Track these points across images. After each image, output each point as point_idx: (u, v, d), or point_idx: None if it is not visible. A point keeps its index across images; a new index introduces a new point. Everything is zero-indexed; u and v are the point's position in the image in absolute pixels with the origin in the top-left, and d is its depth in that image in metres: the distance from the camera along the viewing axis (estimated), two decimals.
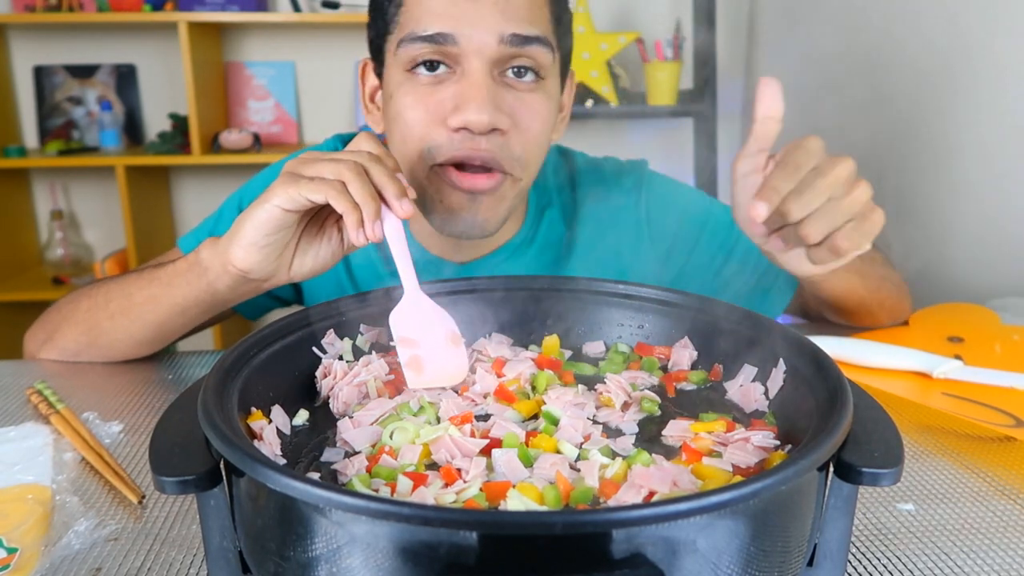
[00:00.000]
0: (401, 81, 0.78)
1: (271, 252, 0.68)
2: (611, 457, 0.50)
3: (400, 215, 0.64)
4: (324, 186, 0.63)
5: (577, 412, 0.55)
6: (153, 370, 0.88)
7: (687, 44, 2.33)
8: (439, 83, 0.76)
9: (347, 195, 0.63)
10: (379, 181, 0.64)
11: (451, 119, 0.75)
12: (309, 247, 0.71)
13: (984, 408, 0.76)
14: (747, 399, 0.59)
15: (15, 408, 0.78)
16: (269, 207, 0.65)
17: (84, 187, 2.56)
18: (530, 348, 0.68)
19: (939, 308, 1.05)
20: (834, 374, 0.50)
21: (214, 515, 0.44)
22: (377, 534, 0.38)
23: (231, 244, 0.69)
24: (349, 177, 0.63)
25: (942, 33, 1.54)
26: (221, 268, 0.71)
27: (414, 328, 0.63)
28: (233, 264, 0.69)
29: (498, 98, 0.75)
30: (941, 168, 1.57)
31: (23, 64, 2.50)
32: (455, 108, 0.75)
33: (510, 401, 0.57)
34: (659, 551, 0.37)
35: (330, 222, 0.71)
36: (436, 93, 0.76)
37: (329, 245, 0.71)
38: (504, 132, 0.76)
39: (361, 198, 0.62)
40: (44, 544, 0.55)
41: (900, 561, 0.54)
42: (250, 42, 2.54)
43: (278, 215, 0.65)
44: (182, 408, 0.48)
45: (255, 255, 0.68)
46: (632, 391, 0.60)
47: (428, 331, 0.63)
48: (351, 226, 0.63)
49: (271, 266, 0.69)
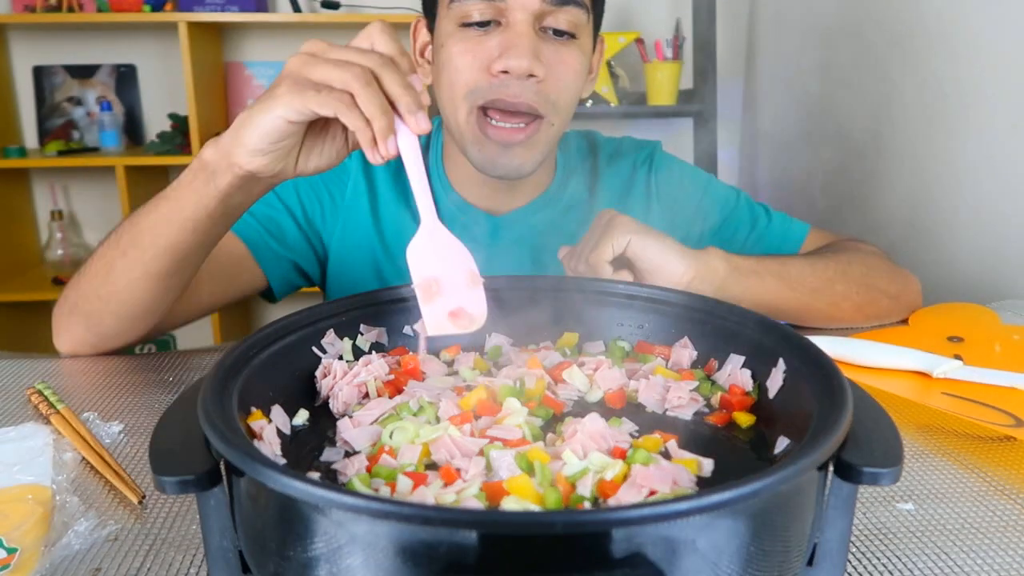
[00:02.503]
0: (452, 32, 0.86)
1: (278, 156, 0.66)
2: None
3: (415, 131, 0.60)
4: (332, 99, 0.59)
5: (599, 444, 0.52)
6: (153, 370, 0.88)
7: (687, 44, 2.33)
8: (487, 34, 0.84)
9: (357, 109, 0.59)
10: (392, 91, 0.59)
11: (495, 64, 0.83)
12: (314, 145, 0.68)
13: (984, 408, 0.76)
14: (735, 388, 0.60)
15: (15, 408, 0.78)
16: (273, 117, 0.62)
17: (84, 187, 2.57)
18: (530, 348, 0.69)
19: (939, 308, 1.05)
20: (834, 374, 0.50)
21: (214, 515, 0.44)
22: (377, 534, 0.38)
23: (235, 146, 0.66)
24: (357, 87, 0.58)
25: (944, 4, 1.53)
26: (227, 169, 0.68)
27: (433, 264, 0.61)
28: (239, 165, 0.66)
29: (537, 48, 0.83)
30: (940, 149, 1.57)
31: (23, 64, 2.50)
32: (500, 55, 0.83)
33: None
34: (659, 551, 0.37)
35: (335, 120, 0.66)
36: (484, 43, 0.84)
37: (334, 144, 0.68)
38: (540, 79, 0.84)
39: (371, 112, 0.58)
40: (44, 544, 0.55)
41: (900, 561, 0.54)
42: (250, 42, 2.54)
43: (282, 125, 0.62)
44: (182, 408, 0.48)
45: (260, 159, 0.65)
46: None
47: (447, 267, 0.61)
48: (364, 145, 0.59)
49: (278, 165, 0.67)
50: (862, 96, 1.80)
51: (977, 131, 1.47)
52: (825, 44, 1.97)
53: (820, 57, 2.00)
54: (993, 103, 1.42)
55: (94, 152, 2.45)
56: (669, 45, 2.25)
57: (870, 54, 1.77)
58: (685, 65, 2.32)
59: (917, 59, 1.60)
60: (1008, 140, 1.36)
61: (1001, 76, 1.39)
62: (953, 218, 1.53)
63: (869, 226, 1.84)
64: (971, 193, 1.48)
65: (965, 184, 1.50)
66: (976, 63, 1.46)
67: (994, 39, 1.41)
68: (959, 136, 1.51)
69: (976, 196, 1.47)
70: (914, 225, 1.67)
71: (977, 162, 1.47)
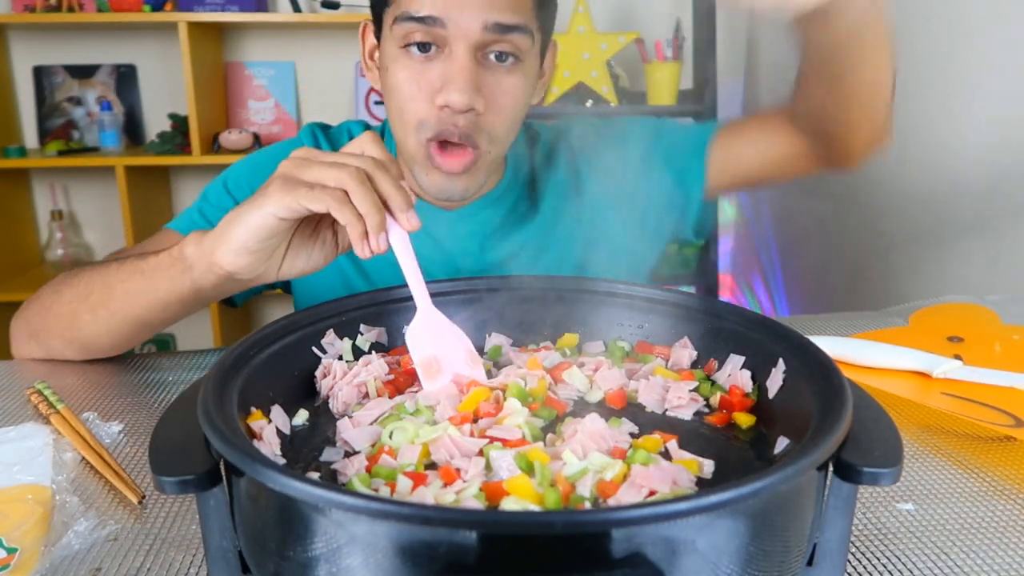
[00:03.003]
0: (396, 56, 0.84)
1: (261, 256, 0.66)
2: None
3: (407, 228, 0.61)
4: (325, 195, 0.60)
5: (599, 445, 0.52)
6: (153, 370, 0.88)
7: (687, 44, 2.32)
8: (429, 60, 0.82)
9: (350, 205, 0.60)
10: (385, 191, 0.61)
11: (437, 97, 0.81)
12: (301, 249, 0.69)
13: (984, 408, 0.76)
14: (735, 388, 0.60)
15: (15, 408, 0.78)
16: (264, 214, 0.63)
17: (84, 187, 2.56)
18: (530, 348, 0.69)
19: (939, 308, 1.05)
20: (834, 374, 0.50)
21: (214, 515, 0.44)
22: (377, 534, 0.38)
23: (219, 245, 0.66)
24: (352, 186, 0.60)
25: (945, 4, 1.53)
26: (207, 267, 0.69)
27: (431, 346, 0.62)
28: (220, 266, 0.67)
29: (479, 80, 0.81)
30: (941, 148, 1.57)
31: (23, 64, 2.50)
32: (441, 88, 0.81)
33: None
34: (659, 551, 0.37)
35: (325, 224, 0.69)
36: (427, 72, 0.82)
37: (323, 248, 0.70)
38: (480, 112, 0.82)
39: (366, 209, 0.60)
40: (44, 544, 0.55)
41: (900, 561, 0.54)
42: (250, 42, 2.54)
43: (272, 223, 0.63)
44: (182, 408, 0.48)
45: (244, 258, 0.66)
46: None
47: (445, 349, 0.62)
48: (355, 239, 0.60)
49: (260, 268, 0.67)
50: None
51: (978, 131, 1.47)
52: None
53: None
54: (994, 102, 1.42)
55: (94, 152, 2.45)
56: (669, 45, 2.25)
57: None
58: (685, 65, 2.32)
59: (918, 59, 1.60)
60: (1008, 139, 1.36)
61: (1002, 75, 1.39)
62: (953, 217, 1.53)
63: (870, 224, 1.84)
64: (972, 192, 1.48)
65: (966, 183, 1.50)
66: (977, 63, 1.46)
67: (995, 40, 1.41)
68: (959, 136, 1.51)
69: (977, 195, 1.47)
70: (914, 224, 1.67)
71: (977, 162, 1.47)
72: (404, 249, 0.62)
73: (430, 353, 0.62)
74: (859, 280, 1.93)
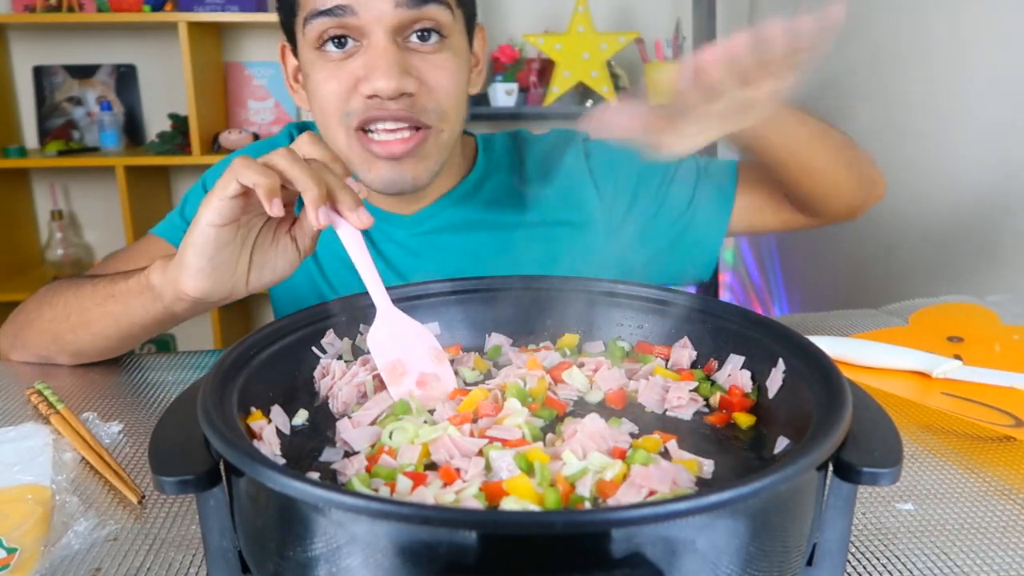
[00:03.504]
0: (313, 59, 0.81)
1: (221, 274, 0.65)
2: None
3: (358, 226, 0.60)
4: (250, 172, 0.58)
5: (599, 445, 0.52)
6: (153, 370, 0.88)
7: (687, 44, 2.33)
8: (348, 57, 0.80)
9: (273, 176, 0.58)
10: (331, 185, 0.60)
11: (362, 87, 0.79)
12: (265, 260, 0.67)
13: (984, 408, 0.76)
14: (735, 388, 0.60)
15: (15, 408, 0.78)
16: (200, 229, 0.62)
17: (84, 187, 2.57)
18: (530, 348, 0.69)
19: (939, 308, 1.05)
20: (834, 374, 0.50)
21: (214, 515, 0.44)
22: (377, 534, 0.38)
23: (180, 273, 0.65)
24: (283, 165, 0.58)
25: (946, 5, 1.53)
26: (174, 296, 0.68)
27: (394, 349, 0.61)
28: (185, 293, 0.66)
29: (404, 63, 0.78)
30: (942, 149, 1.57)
31: (23, 64, 2.50)
32: (364, 77, 0.78)
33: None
34: (658, 551, 0.37)
35: (281, 231, 0.67)
36: (347, 66, 0.80)
37: (285, 255, 0.68)
38: (413, 95, 0.79)
39: (302, 184, 0.58)
40: (44, 544, 0.55)
41: (899, 561, 0.54)
42: (250, 42, 2.54)
43: (212, 233, 0.62)
44: (182, 408, 0.48)
45: (205, 281, 0.65)
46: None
47: (408, 349, 0.61)
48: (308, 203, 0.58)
49: (226, 287, 0.66)
50: (862, 97, 1.80)
51: (979, 131, 1.47)
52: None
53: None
54: (994, 102, 1.42)
55: (94, 152, 2.45)
56: (669, 45, 2.26)
57: (870, 55, 1.77)
58: None
59: (918, 60, 1.60)
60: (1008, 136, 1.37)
61: (1002, 75, 1.39)
62: (954, 217, 1.53)
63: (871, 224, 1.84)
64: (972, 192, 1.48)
65: (966, 182, 1.50)
66: (978, 62, 1.46)
67: (995, 39, 1.41)
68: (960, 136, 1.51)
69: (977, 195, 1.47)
70: (914, 224, 1.67)
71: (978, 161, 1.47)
72: (358, 249, 0.61)
73: (394, 357, 0.61)
74: (859, 280, 1.93)
